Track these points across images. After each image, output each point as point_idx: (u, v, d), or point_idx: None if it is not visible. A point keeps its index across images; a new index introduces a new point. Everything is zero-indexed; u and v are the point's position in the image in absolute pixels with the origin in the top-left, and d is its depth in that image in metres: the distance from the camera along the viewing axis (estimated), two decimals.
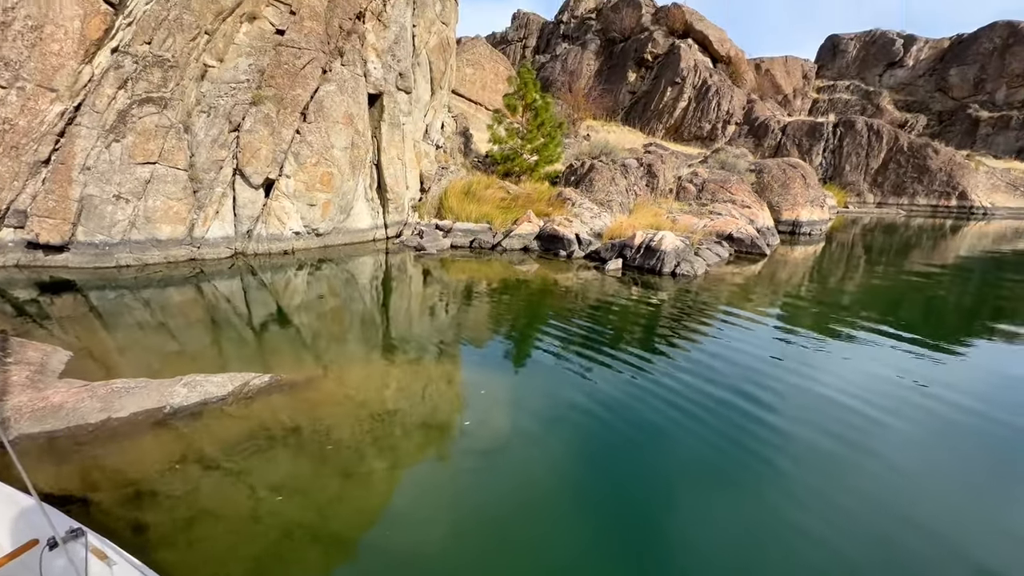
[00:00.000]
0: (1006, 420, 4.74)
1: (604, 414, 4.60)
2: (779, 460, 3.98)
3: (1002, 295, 10.17)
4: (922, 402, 5.06)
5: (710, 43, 35.66)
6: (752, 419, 4.58)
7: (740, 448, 4.10)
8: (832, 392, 5.21)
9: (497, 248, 11.87)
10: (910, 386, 5.42)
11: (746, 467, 3.87)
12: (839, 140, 28.35)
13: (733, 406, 4.81)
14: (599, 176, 13.57)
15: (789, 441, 4.28)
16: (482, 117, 23.53)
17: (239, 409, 4.05)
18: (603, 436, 4.28)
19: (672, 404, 4.80)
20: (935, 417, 4.79)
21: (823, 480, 3.77)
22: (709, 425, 4.43)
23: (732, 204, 13.35)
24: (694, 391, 5.09)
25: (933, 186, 25.66)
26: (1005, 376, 5.89)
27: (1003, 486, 3.84)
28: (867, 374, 5.73)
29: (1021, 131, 30.96)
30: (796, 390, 5.27)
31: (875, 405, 4.93)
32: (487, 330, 6.91)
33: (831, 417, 4.69)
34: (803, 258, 13.14)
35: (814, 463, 3.99)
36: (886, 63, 39.40)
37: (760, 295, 9.08)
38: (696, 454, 4.03)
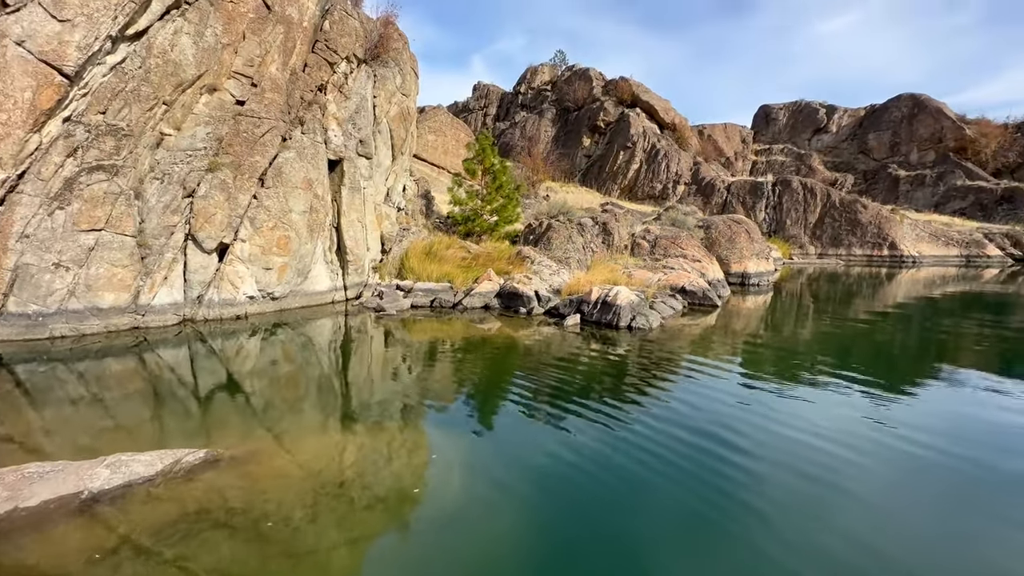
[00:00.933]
0: (963, 455, 5.00)
1: (575, 471, 4.54)
2: (757, 502, 4.06)
3: (940, 338, 10.88)
4: (883, 440, 5.29)
5: (656, 112, 38.57)
6: (727, 463, 4.69)
7: (718, 493, 4.18)
8: (798, 434, 5.38)
9: (458, 307, 11.90)
10: (871, 426, 5.66)
11: (726, 511, 3.93)
12: (778, 197, 30.57)
13: (707, 452, 4.90)
14: (556, 235, 14.06)
15: (764, 483, 4.38)
16: (444, 180, 24.31)
17: (169, 489, 3.76)
18: (576, 494, 4.21)
19: (645, 455, 4.83)
20: (897, 454, 5.01)
21: (801, 519, 3.89)
22: (685, 472, 4.51)
23: (683, 259, 14.00)
24: (665, 440, 5.15)
25: (866, 238, 27.74)
26: (956, 414, 6.23)
27: (967, 517, 4.00)
28: (829, 416, 5.96)
29: (935, 187, 34.27)
30: (764, 433, 5.42)
31: (841, 445, 5.12)
32: (450, 391, 6.79)
33: (800, 458, 4.84)
34: (754, 308, 13.74)
35: (790, 503, 4.09)
36: (813, 129, 43.49)
37: (717, 344, 9.37)
38: (675, 504, 4.05)
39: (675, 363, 8.01)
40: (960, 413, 6.25)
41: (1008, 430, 5.73)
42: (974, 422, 5.95)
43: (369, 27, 14.03)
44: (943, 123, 36.12)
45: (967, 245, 27.61)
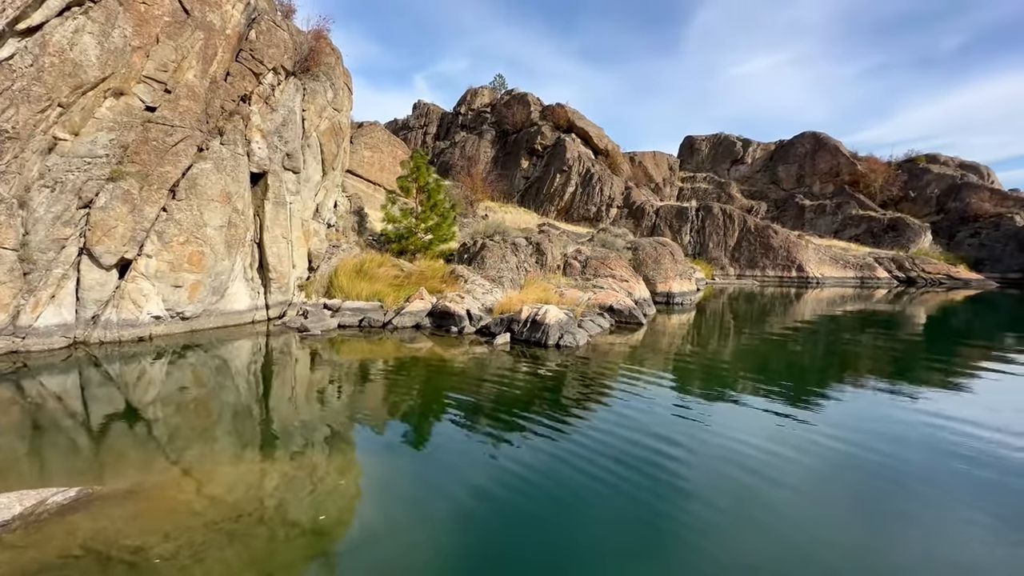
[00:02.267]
0: (870, 452, 5.57)
1: (513, 489, 4.53)
2: (693, 506, 4.31)
3: (843, 349, 11.96)
4: (801, 443, 5.77)
5: (591, 138, 40.26)
6: (662, 470, 4.91)
7: (656, 499, 4.39)
8: (726, 441, 5.75)
9: (388, 326, 11.63)
10: (790, 430, 6.15)
11: (664, 517, 4.13)
12: (702, 222, 32.70)
13: (643, 460, 5.12)
14: (491, 254, 14.17)
15: (698, 488, 4.63)
16: (380, 197, 23.88)
17: (28, 535, 3.33)
18: (515, 511, 4.19)
19: (581, 468, 4.91)
20: (814, 455, 5.47)
21: (733, 520, 4.13)
22: (623, 482, 4.67)
23: (612, 279, 14.56)
24: (600, 453, 5.29)
25: (777, 260, 30.21)
26: (861, 416, 6.88)
27: (885, 509, 4.45)
28: (753, 423, 6.39)
29: (834, 216, 38.08)
30: (694, 441, 5.73)
31: (764, 450, 5.50)
32: (380, 414, 6.57)
33: (729, 463, 5.17)
34: (678, 325, 14.48)
35: (723, 506, 4.34)
36: (731, 160, 47.14)
37: (642, 360, 9.74)
38: (615, 513, 4.15)
39: (603, 379, 8.24)
40: (865, 415, 6.94)
41: (906, 428, 6.43)
42: (877, 422, 6.63)
43: (299, 40, 13.71)
44: (839, 159, 40.41)
45: (861, 268, 30.79)
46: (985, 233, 33.18)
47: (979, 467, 5.31)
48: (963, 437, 6.14)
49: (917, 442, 5.97)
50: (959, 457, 5.57)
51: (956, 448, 5.81)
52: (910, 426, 6.52)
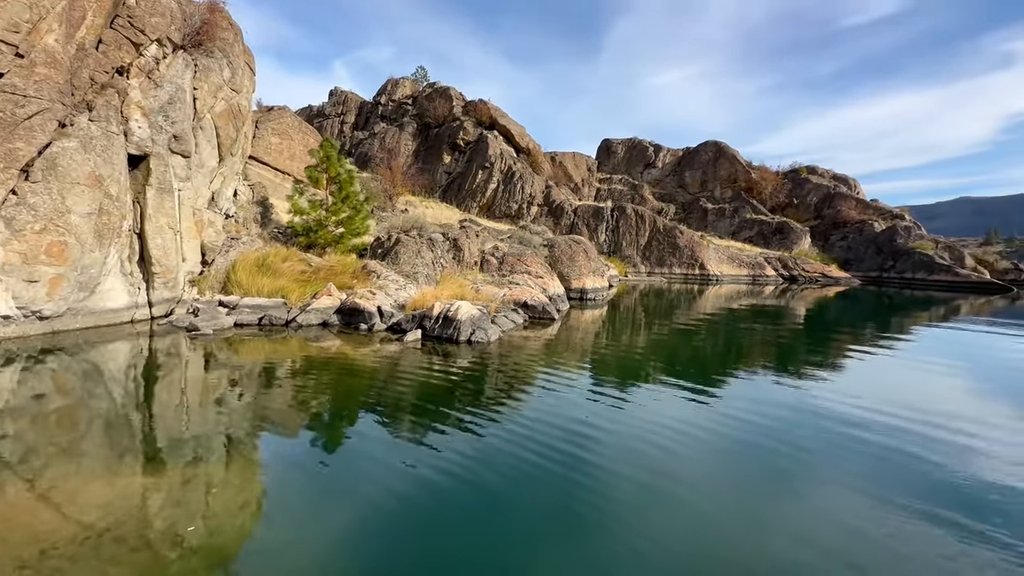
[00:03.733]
0: (769, 435, 6.07)
1: (431, 488, 4.42)
2: (614, 494, 4.50)
3: (741, 339, 13.14)
4: (709, 429, 6.20)
5: (513, 136, 40.68)
6: (580, 461, 5.07)
7: (577, 489, 4.51)
8: (640, 425, 6.14)
9: (291, 324, 10.97)
10: (698, 417, 6.61)
11: (585, 507, 4.24)
12: (616, 221, 34.30)
13: (562, 450, 5.27)
14: (405, 249, 13.85)
15: (616, 477, 4.83)
16: (289, 187, 22.43)
17: None
18: (435, 510, 4.09)
19: (499, 462, 4.92)
20: (721, 440, 5.91)
21: (650, 507, 4.34)
22: (544, 474, 4.76)
23: (528, 275, 14.83)
24: (517, 446, 5.35)
25: (683, 259, 32.47)
26: (762, 399, 7.55)
27: (782, 480, 4.96)
28: (663, 407, 6.86)
29: (732, 219, 41.62)
30: (610, 430, 5.98)
31: (676, 439, 5.84)
32: (280, 417, 6.12)
33: (646, 445, 5.55)
34: (591, 320, 15.07)
35: (641, 493, 4.55)
36: (644, 164, 49.88)
37: (554, 354, 10.00)
38: (537, 506, 4.21)
39: (516, 373, 8.35)
40: (760, 397, 7.67)
41: (794, 407, 7.20)
42: (770, 403, 7.36)
43: (190, 10, 12.46)
44: (737, 167, 44.22)
45: (753, 267, 33.97)
46: (851, 237, 37.96)
47: (858, 438, 6.10)
48: (842, 413, 7.00)
49: (805, 420, 6.72)
50: (841, 431, 6.35)
51: (838, 423, 6.61)
52: (798, 406, 7.34)
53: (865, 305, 23.08)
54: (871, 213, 39.09)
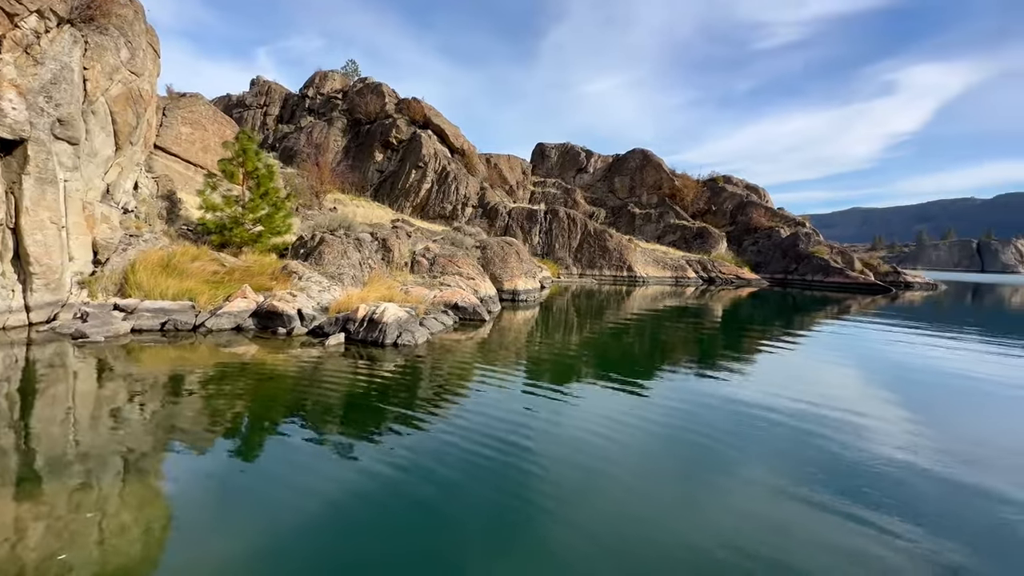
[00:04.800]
0: (692, 426, 6.47)
1: (363, 497, 4.25)
2: (552, 490, 4.57)
3: (667, 338, 13.87)
4: (640, 424, 6.46)
5: (447, 136, 40.33)
6: (514, 460, 5.13)
7: (516, 488, 4.56)
8: (573, 422, 6.29)
9: (200, 329, 10.15)
10: (629, 413, 6.89)
11: (524, 505, 4.27)
12: (549, 224, 34.99)
13: (496, 451, 5.29)
14: (330, 249, 13.27)
15: (553, 474, 4.92)
16: (201, 181, 20.77)
17: None
18: (369, 520, 3.96)
19: (428, 466, 4.88)
20: (651, 434, 6.20)
21: (584, 500, 4.47)
22: (482, 475, 4.78)
23: (460, 276, 14.73)
24: (448, 447, 5.35)
25: (612, 261, 33.73)
26: (686, 394, 7.97)
27: (707, 471, 5.29)
28: (594, 405, 7.07)
29: (658, 224, 43.83)
30: (545, 432, 6.03)
31: (608, 435, 6.02)
32: (185, 431, 5.59)
33: (578, 442, 5.69)
34: (522, 321, 15.23)
35: (576, 488, 4.69)
36: (576, 168, 51.31)
37: (484, 354, 9.97)
38: (475, 509, 4.19)
39: (443, 375, 8.23)
40: (684, 392, 8.15)
41: (716, 400, 7.70)
42: (695, 398, 7.82)
43: None
44: (662, 175, 46.66)
45: (676, 269, 35.97)
46: (761, 242, 41.26)
47: (767, 424, 6.65)
48: (754, 402, 7.59)
49: (723, 409, 7.26)
50: (753, 417, 6.89)
51: (750, 411, 7.18)
52: (717, 396, 7.91)
53: (772, 305, 25.16)
54: (778, 220, 42.71)
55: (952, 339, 15.09)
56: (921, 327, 17.67)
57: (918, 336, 15.48)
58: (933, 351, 12.98)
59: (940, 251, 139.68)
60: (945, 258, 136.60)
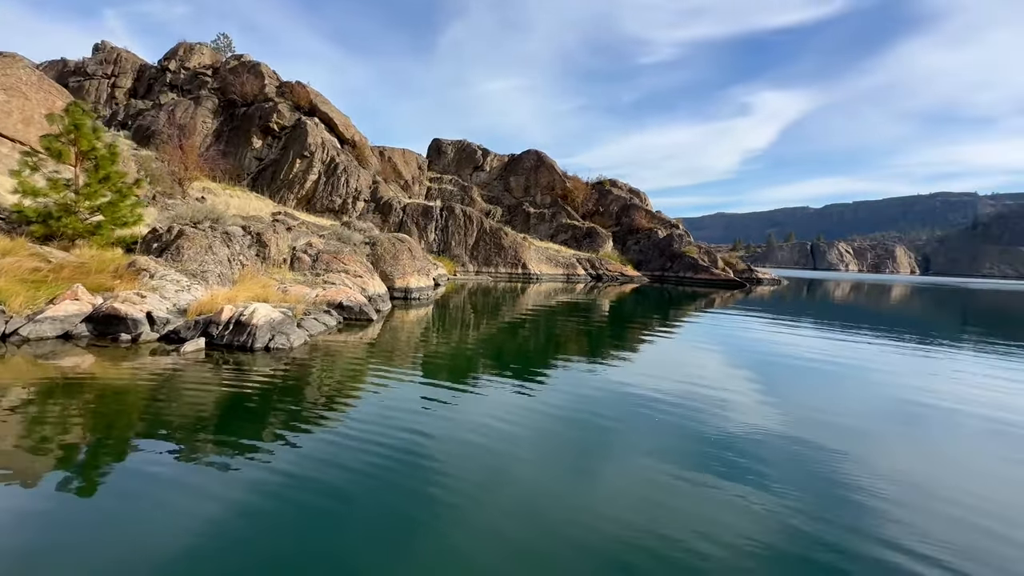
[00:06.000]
0: (590, 413, 6.81)
1: (244, 520, 3.82)
2: (451, 485, 4.57)
3: (560, 332, 14.39)
4: (537, 416, 6.63)
5: (336, 125, 38.08)
6: (416, 460, 5.04)
7: (417, 489, 4.47)
8: (473, 425, 6.17)
9: (11, 338, 8.37)
10: (527, 407, 7.04)
11: (425, 506, 4.21)
12: (445, 221, 34.64)
13: (394, 453, 5.14)
14: (191, 244, 11.75)
15: (454, 472, 4.88)
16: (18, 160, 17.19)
17: None
18: (252, 545, 3.54)
19: (321, 477, 4.54)
20: (548, 425, 6.38)
21: (486, 495, 4.52)
22: (380, 480, 4.58)
23: (346, 274, 13.91)
24: (340, 453, 5.06)
25: (507, 259, 34.35)
26: (578, 386, 8.32)
27: (600, 459, 5.55)
28: (491, 401, 7.10)
29: (551, 223, 45.56)
30: (442, 431, 5.91)
31: (509, 429, 6.14)
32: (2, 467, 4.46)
33: (479, 443, 5.60)
34: (415, 320, 14.82)
35: (478, 483, 4.72)
36: (473, 166, 51.46)
37: (371, 355, 9.48)
38: (377, 513, 4.04)
39: (323, 379, 7.64)
40: (577, 384, 8.46)
41: (606, 391, 8.08)
42: (587, 389, 8.14)
43: None
44: (555, 176, 48.56)
45: (568, 266, 37.69)
46: (642, 242, 44.84)
47: (651, 409, 7.14)
48: (639, 390, 8.11)
49: (613, 398, 7.68)
50: (639, 404, 7.34)
51: (636, 398, 7.65)
52: (606, 386, 8.36)
53: (652, 299, 27.42)
54: (656, 223, 46.71)
55: (793, 325, 17.63)
56: (769, 316, 20.43)
57: (767, 324, 17.86)
58: (779, 336, 15.05)
59: (784, 251, 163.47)
60: (787, 257, 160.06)
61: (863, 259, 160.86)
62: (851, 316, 23.25)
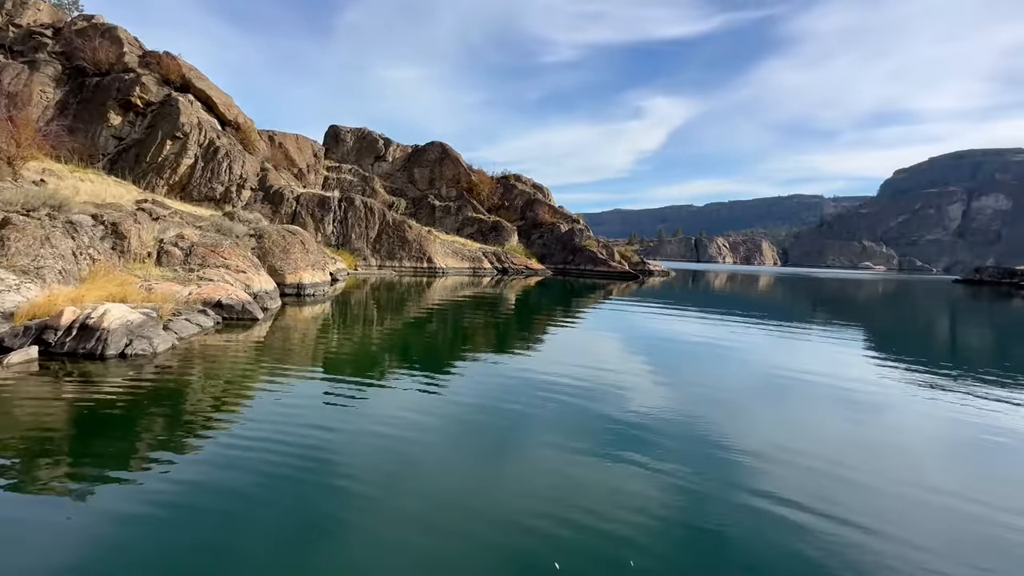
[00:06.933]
0: (498, 404, 6.82)
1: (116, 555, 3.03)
2: (361, 491, 4.31)
3: (467, 326, 14.34)
4: (446, 410, 6.55)
5: (216, 104, 34.36)
6: (318, 465, 4.71)
7: (319, 490, 4.27)
8: (378, 424, 5.90)
9: None
10: (436, 400, 6.96)
11: (329, 505, 4.03)
12: (344, 213, 32.83)
13: (292, 460, 4.77)
14: (21, 235, 9.81)
15: (360, 474, 4.65)
16: None
17: None
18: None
19: (202, 502, 4.03)
20: (455, 418, 6.29)
21: (391, 492, 4.40)
22: (277, 491, 4.21)
23: (226, 269, 12.53)
24: (228, 473, 4.53)
25: (412, 252, 33.48)
26: (486, 378, 8.34)
27: (507, 449, 5.55)
28: (400, 401, 6.79)
29: (457, 216, 45.21)
30: (344, 434, 5.59)
31: (414, 424, 5.97)
32: None
33: (385, 442, 5.37)
34: (310, 318, 13.80)
35: (385, 483, 4.55)
36: (375, 156, 49.34)
37: (257, 358, 8.66)
38: (278, 517, 3.82)
39: (193, 389, 6.74)
40: (484, 377, 8.51)
41: (512, 381, 8.15)
42: (493, 381, 8.17)
43: None
44: (460, 169, 48.18)
45: (474, 260, 37.68)
46: (546, 236, 46.20)
47: (556, 396, 7.26)
48: (545, 378, 8.26)
49: (520, 387, 7.73)
50: (545, 392, 7.46)
51: (542, 387, 7.76)
52: (514, 376, 8.44)
53: (556, 291, 28.35)
54: (559, 217, 48.36)
55: (680, 313, 19.21)
56: (660, 305, 22.10)
57: (658, 312, 19.28)
58: (668, 322, 16.31)
59: (672, 245, 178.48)
60: (675, 251, 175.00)
61: (737, 252, 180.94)
62: (727, 303, 25.96)
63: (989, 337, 18.04)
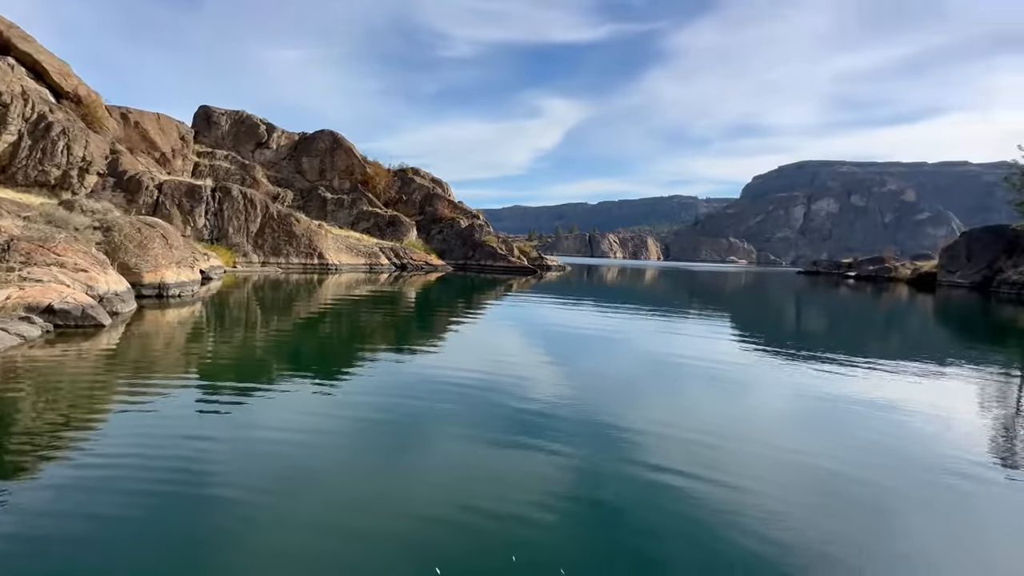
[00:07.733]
0: (403, 402, 6.57)
1: None
2: (248, 512, 3.78)
3: (364, 325, 13.73)
4: (345, 414, 6.11)
5: (47, 72, 29.02)
6: (196, 489, 4.08)
7: (215, 491, 3.99)
8: (272, 424, 5.59)
9: None
10: (338, 399, 6.73)
11: (228, 507, 3.78)
12: (219, 204, 29.51)
13: (163, 487, 4.08)
14: None
15: (253, 473, 4.48)
16: None
17: None
18: None
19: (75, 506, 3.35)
20: (358, 422, 5.87)
21: (289, 505, 3.99)
22: (151, 521, 3.56)
23: (60, 268, 10.50)
24: (98, 479, 4.08)
25: (300, 248, 31.12)
26: (389, 378, 8.02)
27: (422, 443, 5.43)
28: (292, 410, 6.19)
29: (351, 210, 42.94)
30: (233, 435, 5.27)
31: (317, 423, 5.72)
32: None
33: (277, 454, 4.89)
34: (173, 322, 12.12)
35: (284, 492, 4.21)
36: (256, 142, 45.05)
37: (111, 368, 7.43)
38: (159, 536, 3.38)
39: (32, 405, 5.46)
40: (387, 377, 8.13)
41: (419, 379, 7.92)
42: (397, 381, 7.85)
43: None
44: (353, 160, 45.77)
45: (370, 256, 36.08)
46: (446, 231, 45.73)
47: (461, 392, 7.07)
48: (448, 375, 8.01)
49: (422, 386, 7.43)
50: (455, 389, 7.21)
51: (446, 384, 7.50)
52: (416, 376, 8.17)
53: (457, 287, 28.12)
54: (459, 213, 48.10)
55: (575, 305, 20.07)
56: (556, 298, 22.94)
57: (555, 305, 19.97)
58: (564, 314, 16.96)
59: (568, 241, 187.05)
60: (571, 246, 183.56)
61: (626, 248, 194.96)
62: (617, 296, 27.74)
63: (824, 320, 21.45)
